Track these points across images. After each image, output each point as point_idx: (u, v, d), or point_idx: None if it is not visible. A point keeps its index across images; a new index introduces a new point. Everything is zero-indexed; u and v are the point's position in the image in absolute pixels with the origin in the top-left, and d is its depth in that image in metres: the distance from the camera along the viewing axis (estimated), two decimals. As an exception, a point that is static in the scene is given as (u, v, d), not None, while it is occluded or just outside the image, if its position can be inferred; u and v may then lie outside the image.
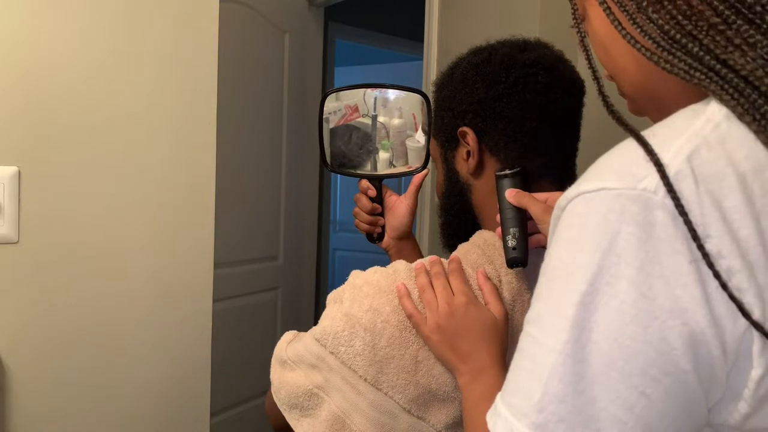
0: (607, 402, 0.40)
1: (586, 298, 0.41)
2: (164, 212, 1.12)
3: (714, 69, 0.43)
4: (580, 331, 0.41)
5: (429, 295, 0.70)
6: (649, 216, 0.40)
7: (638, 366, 0.40)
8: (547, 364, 0.42)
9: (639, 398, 0.40)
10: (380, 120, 0.96)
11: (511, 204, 0.73)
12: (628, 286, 0.40)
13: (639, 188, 0.41)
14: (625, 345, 0.40)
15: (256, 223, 2.38)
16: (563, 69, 0.78)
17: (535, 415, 0.42)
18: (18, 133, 0.97)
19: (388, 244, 1.00)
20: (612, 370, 0.40)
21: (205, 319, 1.19)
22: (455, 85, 0.81)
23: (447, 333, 0.68)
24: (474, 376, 0.66)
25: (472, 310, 0.69)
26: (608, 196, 0.42)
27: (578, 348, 0.41)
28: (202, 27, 1.14)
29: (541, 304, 0.45)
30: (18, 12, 0.96)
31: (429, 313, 0.69)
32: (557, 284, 0.43)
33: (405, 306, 0.70)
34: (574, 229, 0.43)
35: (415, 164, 0.96)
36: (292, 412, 0.74)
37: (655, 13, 0.46)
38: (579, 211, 0.43)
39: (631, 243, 0.40)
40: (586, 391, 0.41)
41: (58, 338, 1.03)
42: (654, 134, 0.44)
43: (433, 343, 0.69)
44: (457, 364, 0.68)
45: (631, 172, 0.42)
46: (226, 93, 1.54)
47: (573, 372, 0.41)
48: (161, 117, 1.10)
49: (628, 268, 0.40)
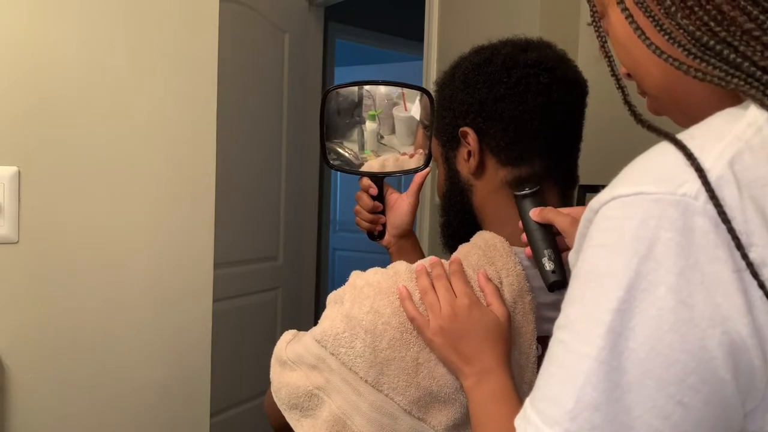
0: (642, 411, 0.40)
1: (622, 305, 0.40)
2: (164, 212, 1.12)
3: (754, 75, 0.42)
4: (616, 338, 0.40)
5: (431, 298, 0.70)
6: (689, 222, 0.39)
7: (676, 374, 0.39)
8: (581, 371, 0.41)
9: (675, 407, 0.39)
10: (366, 88, 0.94)
11: (537, 224, 0.72)
12: (667, 292, 0.39)
13: (679, 193, 0.40)
14: (663, 353, 0.39)
15: (256, 223, 2.38)
16: (565, 69, 0.78)
17: (568, 422, 0.41)
18: (18, 133, 0.97)
19: (389, 242, 1.00)
20: (648, 378, 0.39)
21: (205, 320, 1.19)
22: (457, 85, 0.81)
23: (450, 335, 0.68)
24: (479, 378, 0.66)
25: (475, 311, 0.69)
26: (646, 201, 0.41)
27: (614, 355, 0.40)
28: (202, 27, 1.14)
29: (573, 309, 0.44)
30: (18, 12, 0.96)
31: (431, 316, 0.69)
32: (591, 289, 0.42)
33: (407, 309, 0.70)
34: (610, 233, 0.42)
35: (403, 135, 0.94)
36: (292, 413, 0.74)
37: (686, 19, 0.44)
38: (614, 215, 0.42)
39: (670, 249, 0.39)
40: (621, 399, 0.40)
41: (58, 338, 1.03)
42: (692, 137, 0.42)
43: (436, 346, 0.68)
44: (462, 366, 0.67)
45: (670, 176, 0.41)
46: (226, 93, 1.54)
47: (608, 379, 0.40)
48: (161, 117, 1.10)
49: (667, 275, 0.39)
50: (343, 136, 0.97)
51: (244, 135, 2.27)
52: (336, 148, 0.97)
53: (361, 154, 0.98)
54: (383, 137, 0.96)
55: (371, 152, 0.98)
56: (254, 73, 2.30)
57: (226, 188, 1.50)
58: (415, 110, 0.95)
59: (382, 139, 0.97)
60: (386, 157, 0.98)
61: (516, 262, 0.74)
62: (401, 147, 0.97)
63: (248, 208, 2.32)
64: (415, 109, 0.95)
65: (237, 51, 2.15)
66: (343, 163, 0.98)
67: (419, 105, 0.94)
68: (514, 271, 0.73)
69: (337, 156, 0.97)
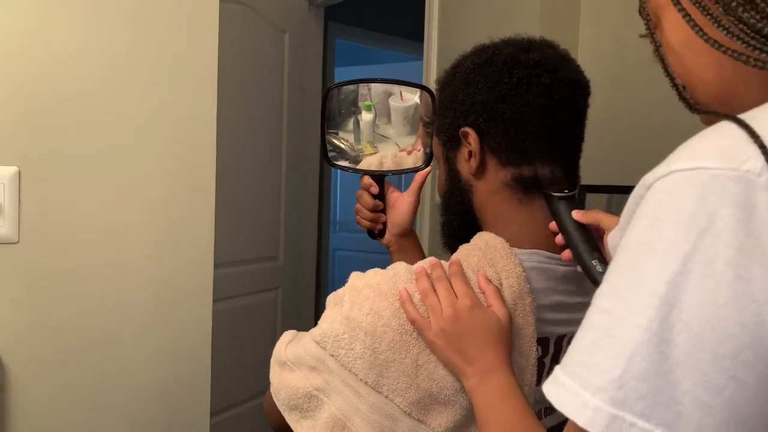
0: (692, 385, 0.39)
1: (677, 277, 0.40)
2: (164, 212, 1.12)
3: None
4: (669, 310, 0.40)
5: (432, 300, 0.69)
6: (751, 197, 0.39)
7: (730, 349, 0.39)
8: (630, 340, 0.40)
9: (728, 382, 0.39)
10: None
11: (576, 225, 0.72)
12: (725, 266, 0.39)
13: (742, 169, 0.39)
14: (719, 327, 0.39)
15: (256, 223, 2.38)
16: (567, 69, 0.77)
17: (614, 390, 0.40)
18: (18, 133, 0.97)
19: (390, 241, 1.00)
20: (702, 351, 0.39)
21: (205, 320, 1.19)
22: (458, 85, 0.80)
23: (452, 337, 0.67)
24: (482, 378, 0.66)
25: (477, 312, 0.68)
26: (707, 176, 0.40)
27: (666, 327, 0.40)
28: (202, 27, 1.14)
29: (621, 279, 0.43)
30: (18, 13, 0.96)
31: (433, 318, 0.68)
32: (644, 261, 0.42)
33: (408, 311, 0.70)
34: (665, 206, 0.42)
35: (399, 125, 0.94)
36: (292, 414, 0.74)
37: (746, 13, 0.45)
38: (672, 189, 0.42)
39: (730, 224, 0.39)
40: (670, 371, 0.39)
41: (58, 338, 1.03)
42: (755, 118, 0.42)
43: (437, 348, 0.68)
44: (464, 367, 0.67)
45: (732, 153, 0.40)
46: (226, 93, 1.54)
47: (658, 351, 0.40)
48: (161, 117, 1.10)
49: (726, 249, 0.39)
50: (339, 126, 0.96)
51: (244, 135, 2.27)
52: (332, 140, 0.96)
53: (357, 146, 0.98)
54: (379, 127, 0.96)
55: (367, 143, 0.98)
56: (254, 73, 2.30)
57: (226, 188, 1.50)
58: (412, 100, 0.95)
59: (378, 129, 0.96)
60: (384, 153, 0.97)
61: (516, 263, 0.74)
62: (397, 137, 0.97)
63: (248, 208, 2.32)
64: (412, 100, 0.94)
65: (237, 51, 2.15)
66: (340, 156, 0.97)
67: (418, 98, 0.94)
68: (514, 273, 0.73)
69: (333, 148, 0.97)
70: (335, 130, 0.96)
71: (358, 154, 0.97)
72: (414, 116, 0.95)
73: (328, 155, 0.97)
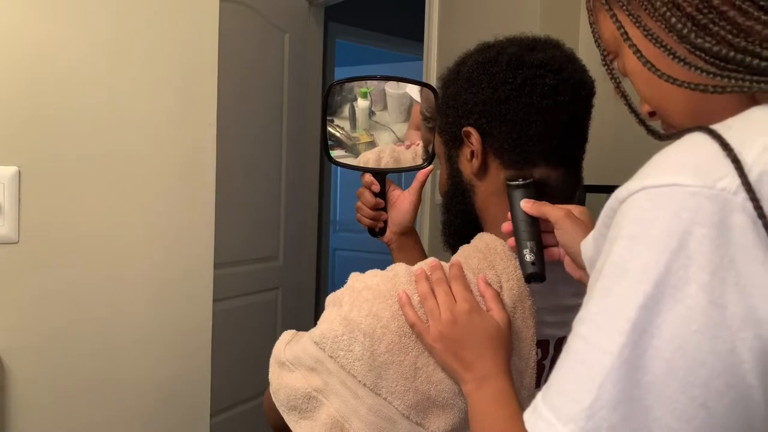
0: (663, 412, 0.38)
1: (649, 301, 0.39)
2: (164, 212, 1.12)
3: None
4: (639, 336, 0.39)
5: (431, 303, 0.69)
6: (727, 218, 0.38)
7: (701, 377, 0.38)
8: (601, 367, 0.40)
9: (698, 410, 0.38)
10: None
11: (525, 215, 0.71)
12: (698, 291, 0.38)
13: (717, 187, 0.38)
14: (690, 354, 0.38)
15: (256, 223, 2.38)
16: (572, 70, 0.76)
17: (584, 420, 0.40)
18: (18, 133, 0.97)
19: (390, 239, 1.00)
20: (672, 379, 0.38)
21: (205, 319, 1.19)
22: (461, 83, 0.79)
23: (450, 341, 0.67)
24: (479, 384, 0.65)
25: (475, 317, 0.68)
26: (681, 193, 0.39)
27: (637, 353, 0.39)
28: (202, 27, 1.14)
29: (596, 303, 0.42)
30: (18, 13, 0.96)
31: (431, 322, 0.68)
32: (617, 283, 0.41)
33: (407, 315, 0.69)
34: (638, 224, 0.40)
35: (395, 112, 0.94)
36: (291, 414, 0.74)
37: (700, 39, 0.44)
38: (645, 206, 0.40)
39: (703, 245, 0.38)
40: (641, 398, 0.39)
41: (58, 338, 1.03)
42: (728, 127, 0.41)
43: (436, 352, 0.68)
44: (462, 372, 0.67)
45: (707, 169, 0.39)
46: (226, 93, 1.54)
47: (628, 378, 0.39)
48: (161, 117, 1.10)
49: (699, 272, 0.38)
50: (335, 113, 0.96)
51: (244, 135, 2.27)
52: (328, 129, 0.96)
53: (353, 134, 0.97)
54: (375, 114, 0.95)
55: (363, 131, 0.97)
56: (254, 73, 2.30)
57: (226, 188, 1.50)
58: (409, 88, 0.94)
59: (374, 116, 0.96)
60: (381, 147, 0.97)
61: (516, 266, 0.73)
62: (393, 124, 0.96)
63: (248, 208, 2.32)
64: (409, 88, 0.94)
65: (237, 51, 2.15)
66: (336, 145, 0.96)
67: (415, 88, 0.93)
68: (514, 275, 0.73)
69: (329, 137, 0.96)
70: (331, 117, 0.96)
71: (354, 143, 0.96)
72: (411, 103, 0.95)
73: (329, 153, 0.96)
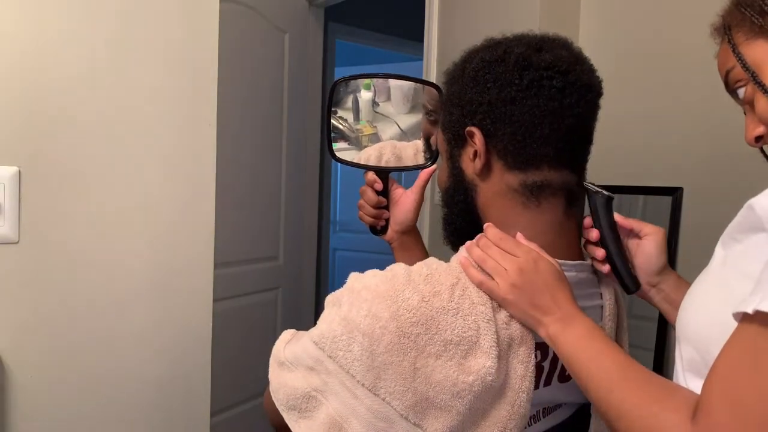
0: None
1: None
2: (164, 212, 1.12)
3: None
4: None
5: (491, 263, 0.71)
6: None
7: None
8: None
9: None
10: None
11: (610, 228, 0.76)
12: None
13: None
14: None
15: (256, 223, 2.38)
16: (580, 72, 0.75)
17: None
18: (18, 133, 0.97)
19: (392, 238, 0.99)
20: None
21: (205, 319, 1.19)
22: (466, 82, 0.78)
23: (523, 290, 0.69)
24: (565, 324, 0.67)
25: (541, 263, 0.70)
26: None
27: None
28: (202, 27, 1.14)
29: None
30: (18, 13, 0.96)
31: (498, 278, 0.70)
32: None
33: (472, 276, 0.71)
34: None
35: (398, 103, 0.93)
36: (290, 413, 0.74)
37: None
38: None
39: None
40: None
41: (58, 338, 1.03)
42: None
43: (510, 303, 0.69)
44: (541, 317, 0.68)
45: None
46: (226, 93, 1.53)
47: None
48: (161, 117, 1.10)
49: None
50: (338, 104, 0.96)
51: (244, 135, 2.27)
52: (331, 121, 0.96)
53: (356, 125, 0.97)
54: (378, 105, 0.95)
55: (366, 122, 0.97)
56: (254, 73, 2.30)
57: (226, 188, 1.50)
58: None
59: (377, 107, 0.95)
60: (382, 144, 0.96)
61: None
62: (396, 115, 0.96)
63: (248, 208, 2.32)
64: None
65: (237, 51, 2.15)
66: (339, 137, 0.96)
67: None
68: None
69: (332, 129, 0.96)
70: (334, 108, 0.96)
71: (357, 135, 0.96)
72: (415, 95, 0.95)
73: (332, 147, 0.96)
